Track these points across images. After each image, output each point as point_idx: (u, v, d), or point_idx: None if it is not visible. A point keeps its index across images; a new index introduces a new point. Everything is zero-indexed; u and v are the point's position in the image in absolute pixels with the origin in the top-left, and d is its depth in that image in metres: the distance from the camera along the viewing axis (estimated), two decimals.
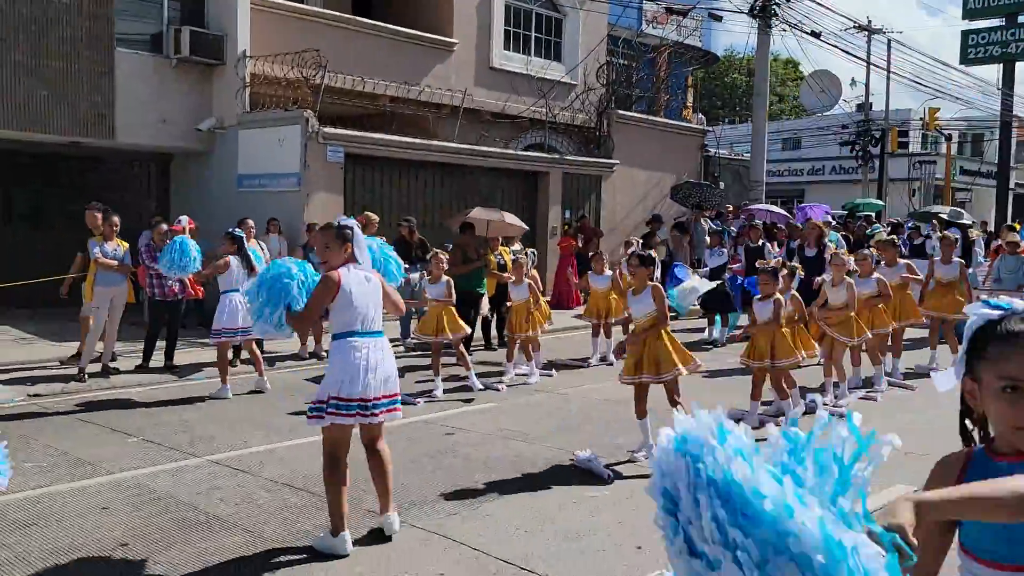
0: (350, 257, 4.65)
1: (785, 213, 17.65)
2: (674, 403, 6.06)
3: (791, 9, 17.63)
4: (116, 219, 9.49)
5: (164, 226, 9.81)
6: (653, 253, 6.88)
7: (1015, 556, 1.70)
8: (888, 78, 32.75)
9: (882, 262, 9.05)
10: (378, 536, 4.71)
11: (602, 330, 10.85)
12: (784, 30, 17.69)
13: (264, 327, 4.85)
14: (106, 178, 15.91)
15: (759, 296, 7.39)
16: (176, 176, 15.80)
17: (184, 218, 10.22)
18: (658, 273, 8.46)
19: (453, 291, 9.00)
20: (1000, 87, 31.87)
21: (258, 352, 9.00)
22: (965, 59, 32.83)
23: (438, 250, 9.53)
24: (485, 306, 11.85)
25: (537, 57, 19.73)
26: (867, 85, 33.32)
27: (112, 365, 9.50)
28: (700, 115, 27.68)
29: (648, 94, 20.62)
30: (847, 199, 30.48)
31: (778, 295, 7.25)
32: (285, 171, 13.85)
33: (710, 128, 21.58)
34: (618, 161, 18.16)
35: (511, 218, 13.04)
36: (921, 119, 33.54)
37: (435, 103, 17.65)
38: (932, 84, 31.88)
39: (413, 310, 10.61)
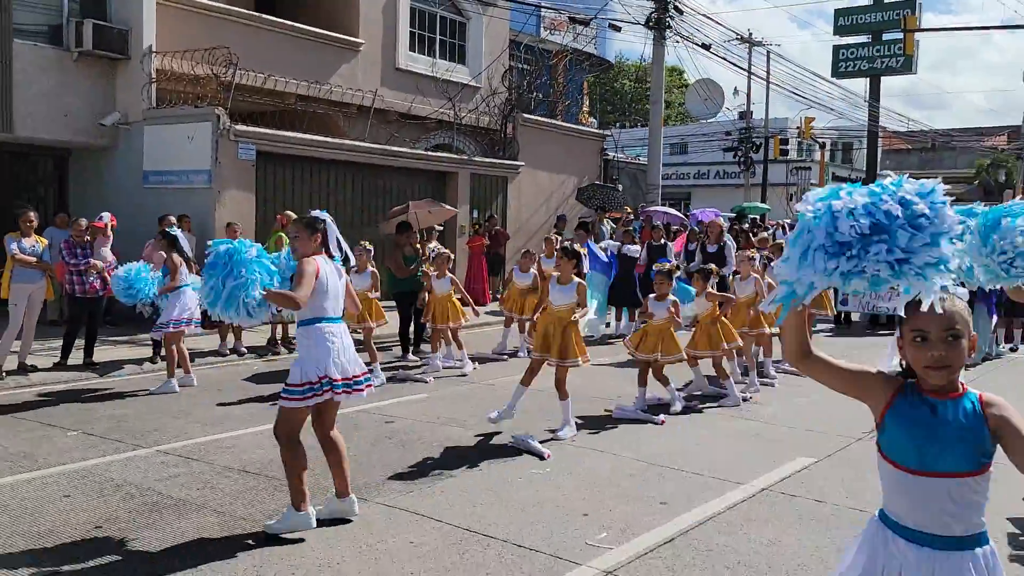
0: (319, 248, 4.88)
1: (680, 215, 18.63)
2: (563, 393, 6.68)
3: (683, 22, 18.62)
4: (33, 215, 9.34)
5: (84, 221, 9.69)
6: (578, 247, 7.40)
7: (924, 465, 2.22)
8: (768, 88, 34.74)
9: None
10: (339, 520, 4.93)
11: (516, 324, 11.34)
12: (677, 41, 18.68)
13: (232, 312, 5.01)
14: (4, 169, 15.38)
15: (655, 295, 7.94)
16: (75, 171, 15.37)
17: (106, 214, 10.12)
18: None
19: (379, 282, 9.34)
20: (867, 99, 34.26)
21: (185, 349, 9.05)
22: (836, 72, 35.08)
23: (364, 242, 9.77)
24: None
25: (442, 59, 20.11)
26: (748, 94, 35.19)
27: (29, 363, 9.33)
28: (593, 120, 28.70)
29: (548, 99, 21.29)
30: (731, 202, 32.22)
31: (672, 296, 7.87)
32: (195, 168, 13.74)
33: (608, 132, 22.45)
34: (523, 163, 18.74)
35: (436, 205, 13.47)
36: (798, 128, 35.63)
37: (343, 102, 17.78)
38: (808, 95, 34.00)
39: None
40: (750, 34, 34.53)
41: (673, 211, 18.88)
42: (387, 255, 10.46)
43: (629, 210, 18.40)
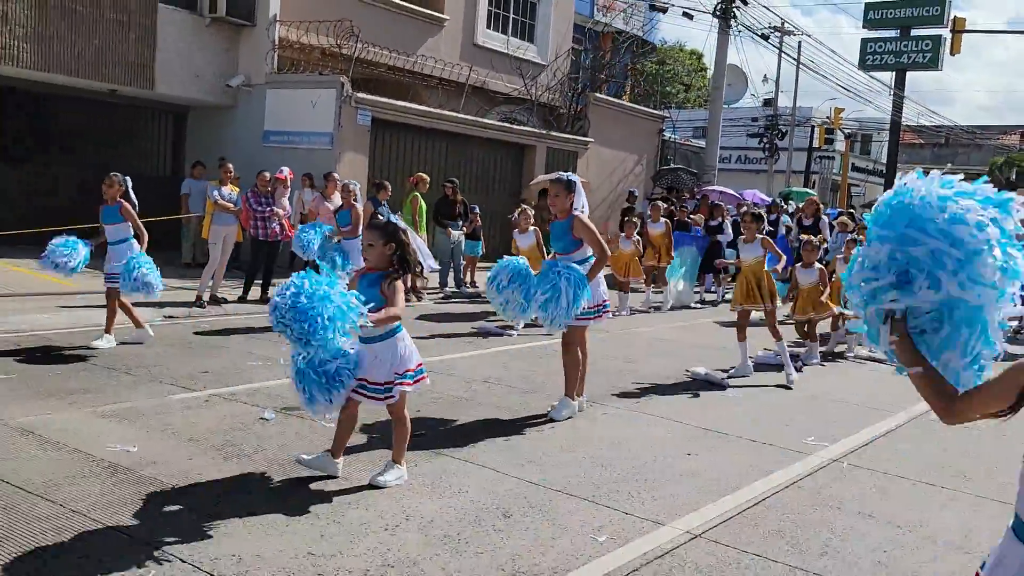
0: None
1: (735, 194, 20.00)
2: (776, 335, 8.03)
3: (746, 11, 19.88)
4: (230, 166, 10.64)
5: (267, 174, 10.96)
6: (761, 211, 8.85)
7: None
8: (797, 76, 35.97)
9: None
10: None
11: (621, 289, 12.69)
12: (740, 31, 19.96)
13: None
14: (126, 125, 16.59)
15: (802, 264, 9.24)
16: (193, 128, 16.57)
17: (285, 168, 11.39)
18: None
19: (542, 241, 10.65)
20: (892, 91, 35.56)
21: None
22: (863, 65, 36.32)
23: (526, 206, 11.06)
24: None
25: (514, 37, 21.31)
26: (777, 82, 36.44)
27: (219, 295, 10.67)
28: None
29: (616, 80, 22.55)
30: (752, 186, 33.55)
31: (818, 264, 9.22)
32: (317, 130, 14.98)
33: (667, 114, 23.76)
34: (592, 139, 20.04)
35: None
36: (827, 117, 36.88)
37: (426, 74, 18.98)
38: (837, 84, 35.25)
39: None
40: (783, 23, 35.74)
41: (730, 191, 20.23)
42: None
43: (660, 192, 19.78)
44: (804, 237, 10.57)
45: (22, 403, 5.80)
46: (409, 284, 12.79)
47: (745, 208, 9.25)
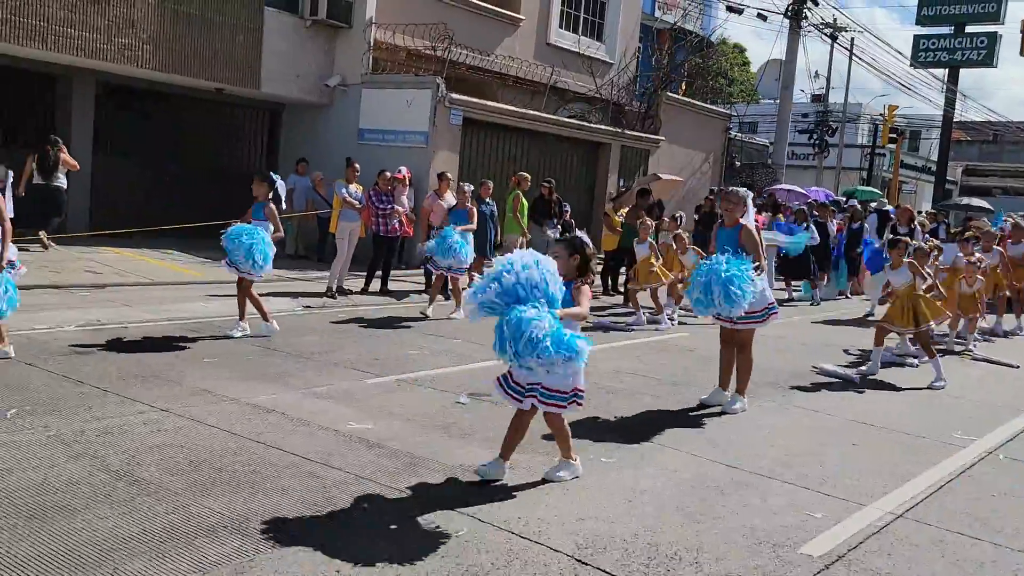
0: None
1: (803, 191, 20.40)
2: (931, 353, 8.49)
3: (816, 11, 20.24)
4: (357, 165, 11.31)
5: (388, 173, 11.61)
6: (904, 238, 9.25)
7: None
8: (849, 71, 36.09)
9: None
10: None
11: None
12: (809, 31, 20.33)
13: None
14: (225, 123, 17.34)
15: (891, 265, 9.47)
16: (288, 126, 17.28)
17: (403, 168, 12.02)
18: None
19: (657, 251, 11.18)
20: (945, 87, 35.58)
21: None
22: (916, 61, 36.37)
23: (647, 218, 11.55)
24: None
25: (585, 36, 21.81)
26: (828, 78, 36.60)
27: (345, 287, 11.35)
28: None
29: (688, 78, 23.00)
30: (799, 183, 33.79)
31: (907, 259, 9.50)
32: (412, 129, 15.61)
33: (733, 112, 24.17)
34: (664, 138, 20.53)
35: (667, 175, 15.33)
36: (880, 114, 36.94)
37: (501, 73, 19.55)
38: (892, 79, 35.33)
39: None
40: (835, 19, 35.87)
41: (797, 188, 20.63)
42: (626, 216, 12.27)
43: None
44: (892, 236, 10.97)
45: (240, 384, 6.46)
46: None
47: (892, 236, 9.58)
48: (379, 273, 11.74)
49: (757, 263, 6.51)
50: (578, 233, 5.17)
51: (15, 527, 3.68)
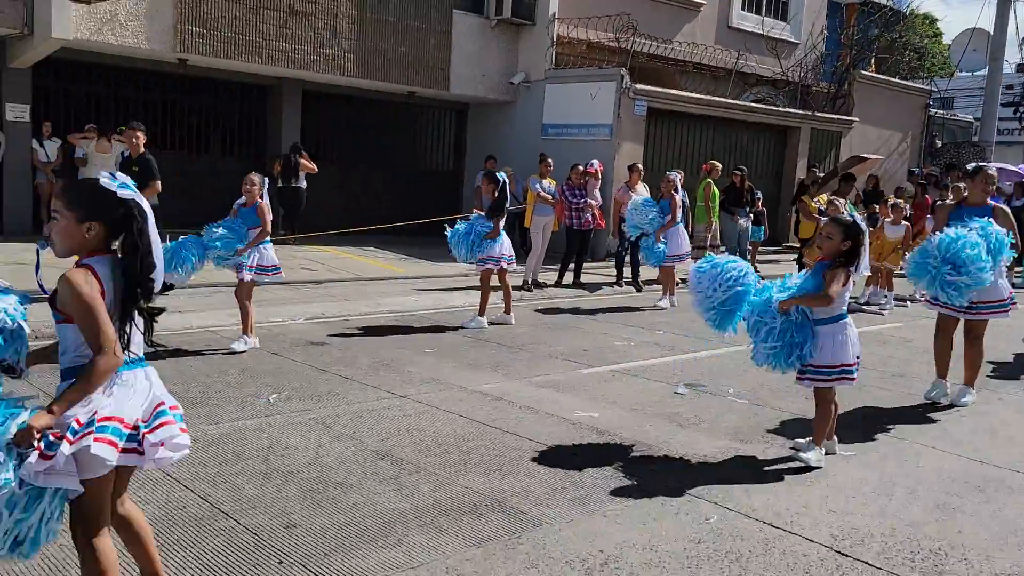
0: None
1: (1015, 169, 18.81)
2: None
3: None
4: (550, 160, 11.54)
5: (580, 167, 11.77)
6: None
7: None
8: None
9: None
10: None
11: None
12: None
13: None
14: (415, 124, 18.14)
15: None
16: (474, 125, 17.83)
17: (595, 161, 12.16)
18: None
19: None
20: None
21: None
22: None
23: (899, 199, 11.21)
24: None
25: (768, 17, 21.11)
26: None
27: (540, 280, 11.60)
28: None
29: (877, 55, 21.82)
30: (1003, 161, 31.04)
31: None
32: (597, 122, 15.70)
33: (934, 88, 22.70)
34: (857, 119, 19.57)
35: (868, 155, 14.87)
36: None
37: (681, 60, 19.25)
38: None
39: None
40: None
41: (1009, 167, 19.07)
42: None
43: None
44: None
45: (463, 373, 6.78)
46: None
47: None
48: (571, 266, 11.91)
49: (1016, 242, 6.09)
50: (857, 218, 5.05)
51: (303, 499, 4.07)
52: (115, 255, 2.66)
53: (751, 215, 13.74)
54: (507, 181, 9.11)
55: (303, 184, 13.83)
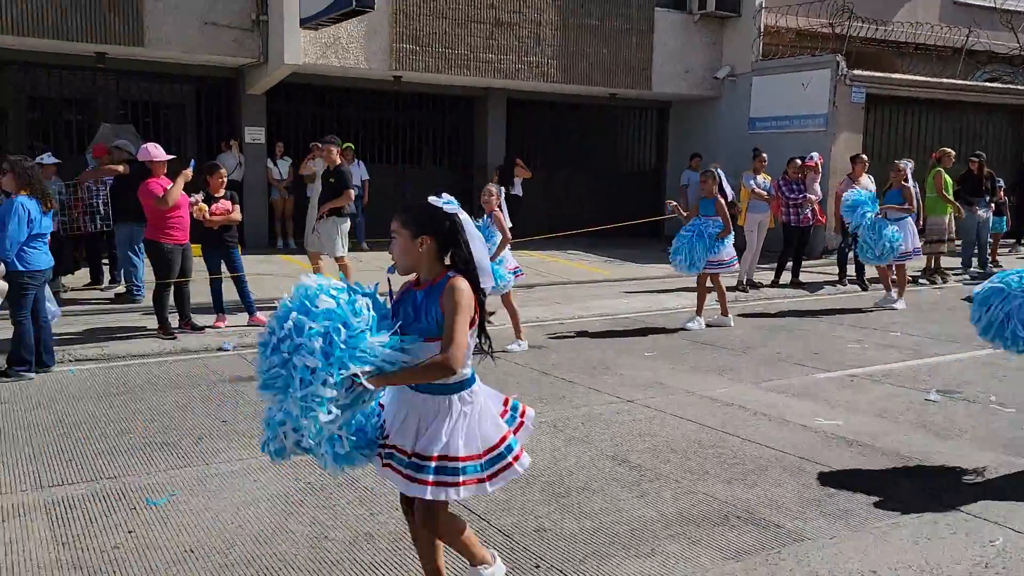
0: None
1: None
2: None
3: None
4: (765, 156, 11.10)
5: (798, 161, 11.21)
6: None
7: None
8: None
9: None
10: None
11: None
12: None
13: None
14: (615, 126, 18.07)
15: None
16: (676, 123, 17.48)
17: (815, 154, 11.56)
18: None
19: None
20: None
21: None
22: None
23: None
24: None
25: None
26: None
27: (755, 280, 11.15)
28: None
29: None
30: None
31: None
32: (809, 112, 14.91)
33: None
34: None
35: None
36: None
37: (900, 41, 17.90)
38: None
39: None
40: None
41: None
42: None
43: None
44: None
45: (687, 377, 6.59)
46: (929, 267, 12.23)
47: None
48: (789, 265, 11.35)
49: None
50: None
51: (548, 502, 4.07)
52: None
53: (991, 205, 12.51)
54: (723, 176, 8.80)
55: (519, 191, 14.08)
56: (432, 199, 2.84)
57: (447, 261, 2.88)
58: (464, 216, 2.86)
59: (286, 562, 3.45)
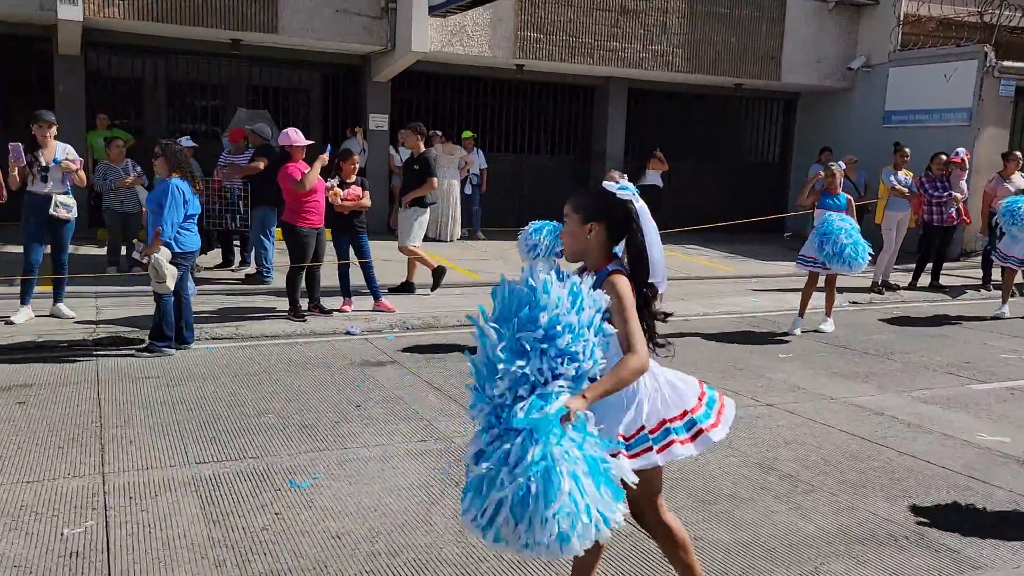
0: None
1: None
2: None
3: None
4: (907, 150, 10.50)
5: (944, 156, 10.56)
6: None
7: None
8: None
9: None
10: None
11: None
12: None
13: None
14: (741, 117, 17.52)
15: None
16: (804, 115, 16.80)
17: (961, 149, 10.86)
18: None
19: None
20: None
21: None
22: None
23: None
24: None
25: None
26: None
27: (891, 281, 10.57)
28: None
29: None
30: None
31: None
32: (952, 106, 14.06)
33: None
34: None
35: None
36: None
37: None
38: None
39: None
40: None
41: None
42: None
43: None
44: None
45: (829, 382, 6.25)
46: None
47: None
48: (929, 266, 10.72)
49: None
50: None
51: (697, 508, 3.88)
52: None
53: None
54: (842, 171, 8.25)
55: (658, 182, 13.53)
56: (607, 183, 2.67)
57: (620, 252, 2.69)
58: (641, 204, 2.68)
59: (432, 555, 3.39)
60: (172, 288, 6.33)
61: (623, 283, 2.56)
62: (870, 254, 7.69)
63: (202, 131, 13.45)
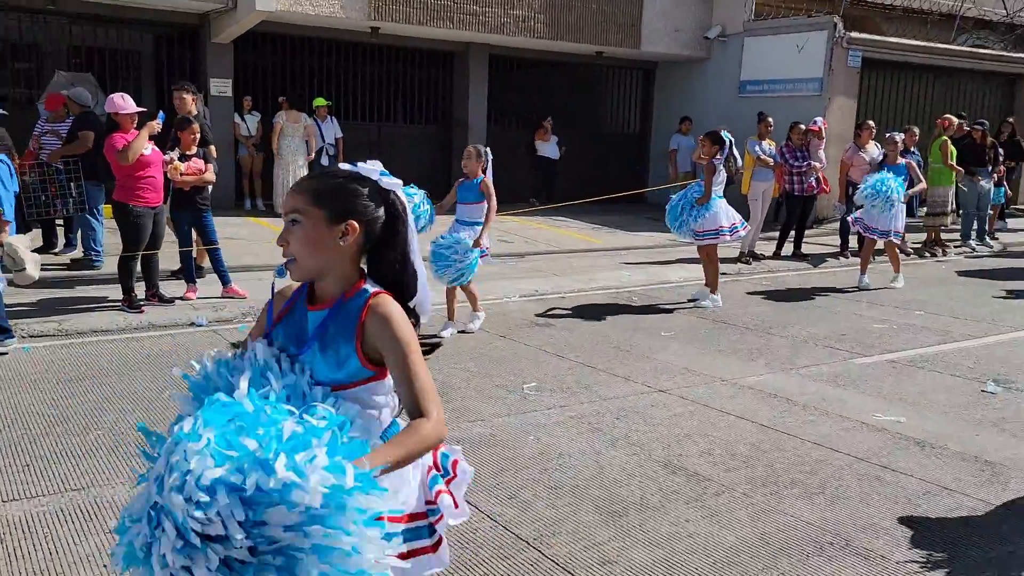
0: None
1: None
2: None
3: None
4: (770, 119, 10.50)
5: (802, 126, 10.64)
6: None
7: None
8: None
9: None
10: None
11: None
12: None
13: None
14: (599, 86, 17.34)
15: None
16: (662, 84, 16.80)
17: (819, 119, 10.97)
18: None
19: None
20: None
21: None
22: None
23: None
24: None
25: None
26: None
27: (756, 251, 10.62)
28: None
29: None
30: None
31: None
32: (803, 76, 14.33)
33: None
34: None
35: None
36: None
37: (885, 4, 17.43)
38: None
39: None
40: None
41: None
42: None
43: None
44: None
45: (717, 362, 6.02)
46: (932, 238, 11.83)
47: None
48: (792, 235, 10.85)
49: None
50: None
51: (606, 524, 3.46)
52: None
53: (994, 175, 12.11)
54: (732, 141, 8.05)
55: (551, 154, 13.03)
56: (361, 165, 1.88)
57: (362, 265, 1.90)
58: (404, 195, 1.92)
59: None
60: (36, 277, 5.41)
61: (398, 311, 1.80)
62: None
63: (15, 96, 11.92)
